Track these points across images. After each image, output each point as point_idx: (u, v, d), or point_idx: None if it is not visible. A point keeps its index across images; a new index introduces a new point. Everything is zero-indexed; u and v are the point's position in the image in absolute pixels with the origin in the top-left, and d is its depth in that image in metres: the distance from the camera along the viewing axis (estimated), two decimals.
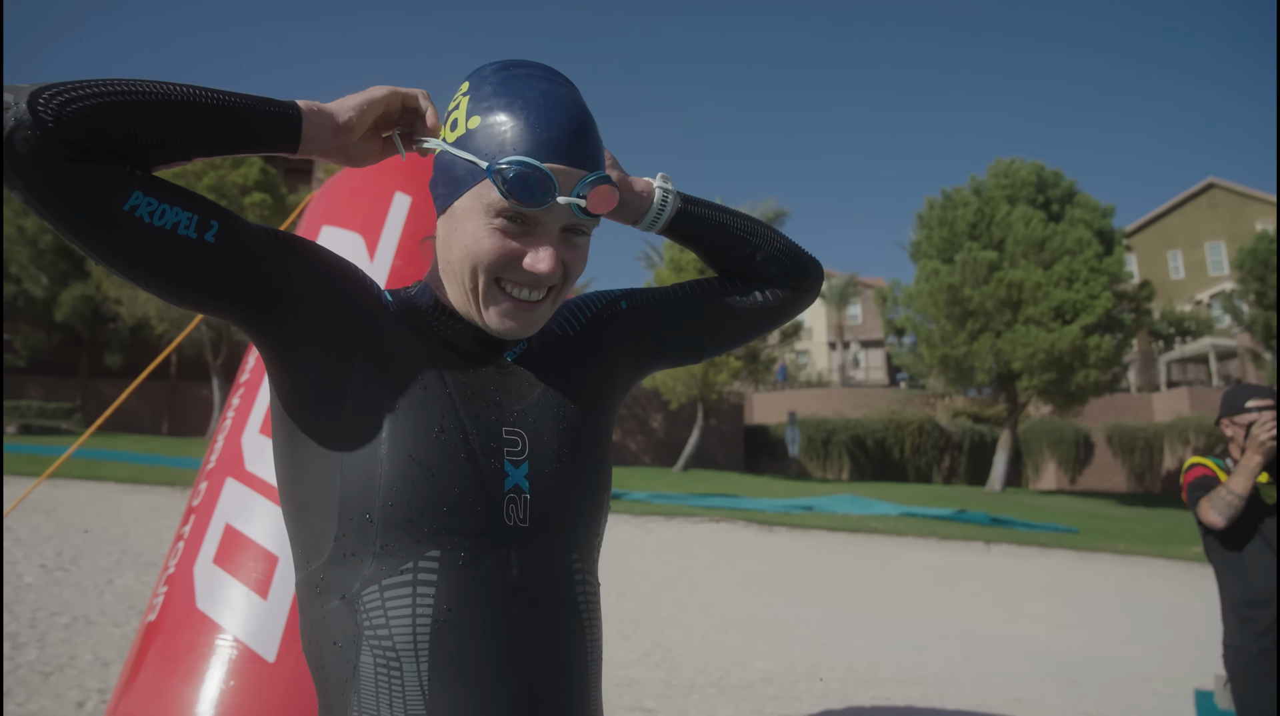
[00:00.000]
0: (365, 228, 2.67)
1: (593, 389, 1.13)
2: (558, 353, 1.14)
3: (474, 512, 0.95)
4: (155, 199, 0.89)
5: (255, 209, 26.61)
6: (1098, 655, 7.12)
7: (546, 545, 0.99)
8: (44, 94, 0.82)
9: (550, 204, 0.95)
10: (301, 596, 0.98)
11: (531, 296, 1.00)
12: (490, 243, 0.97)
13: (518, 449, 1.00)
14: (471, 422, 0.98)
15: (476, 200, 0.97)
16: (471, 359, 1.04)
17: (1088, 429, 31.39)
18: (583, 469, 1.05)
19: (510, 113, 0.96)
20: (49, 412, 27.19)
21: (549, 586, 0.98)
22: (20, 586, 6.60)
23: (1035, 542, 14.86)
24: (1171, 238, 42.85)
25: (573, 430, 1.06)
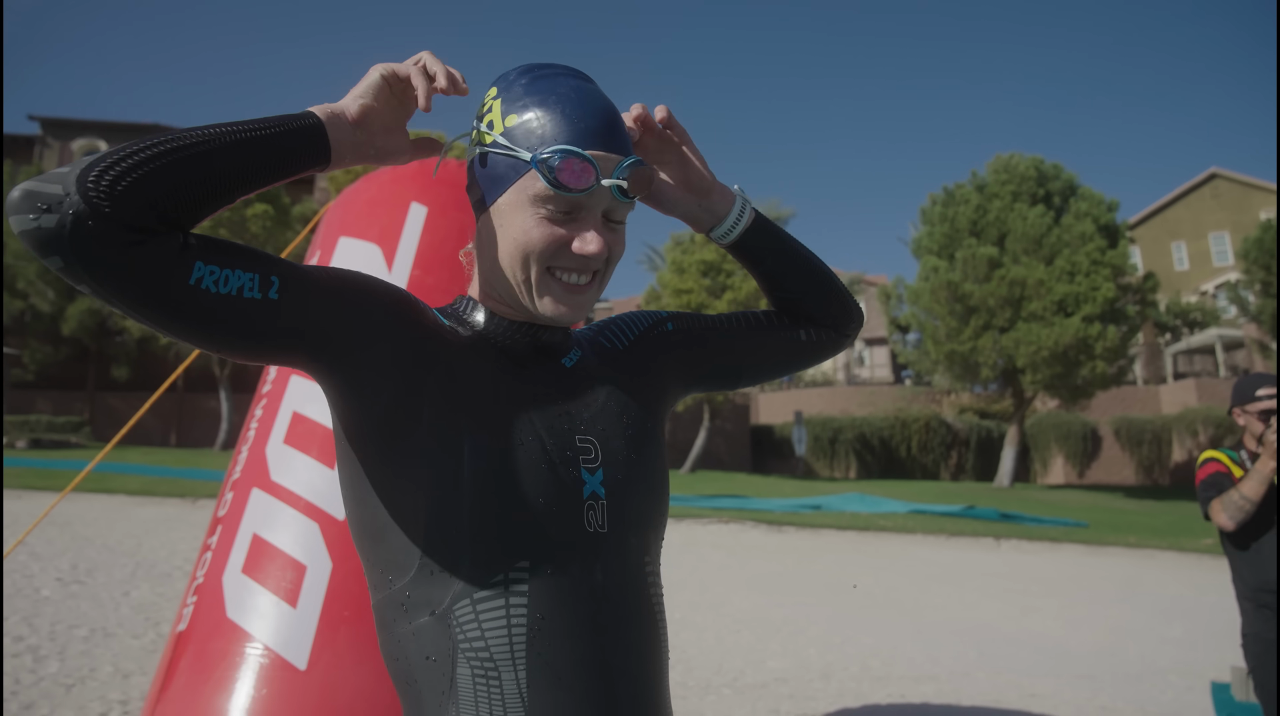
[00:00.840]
0: (382, 238, 2.70)
1: (647, 396, 1.15)
2: (610, 362, 1.16)
3: (558, 521, 0.97)
4: (217, 266, 0.88)
5: (258, 220, 26.69)
6: (1111, 649, 7.13)
7: (623, 549, 1.02)
8: (90, 176, 0.81)
9: (594, 188, 0.98)
10: (384, 614, 0.99)
11: (580, 280, 1.03)
12: (540, 231, 1.00)
13: (591, 456, 1.02)
14: (547, 433, 1.00)
15: (521, 193, 1.00)
16: (534, 369, 1.06)
17: (1095, 422, 31.33)
18: (650, 473, 1.07)
19: (545, 108, 1.01)
20: (58, 426, 27.27)
21: (628, 589, 1.01)
22: (38, 599, 6.65)
23: (1045, 537, 14.84)
24: (1175, 229, 42.76)
25: (637, 435, 1.08)
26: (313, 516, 2.24)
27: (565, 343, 1.11)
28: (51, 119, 36.32)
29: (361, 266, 2.69)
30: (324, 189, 35.17)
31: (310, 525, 2.23)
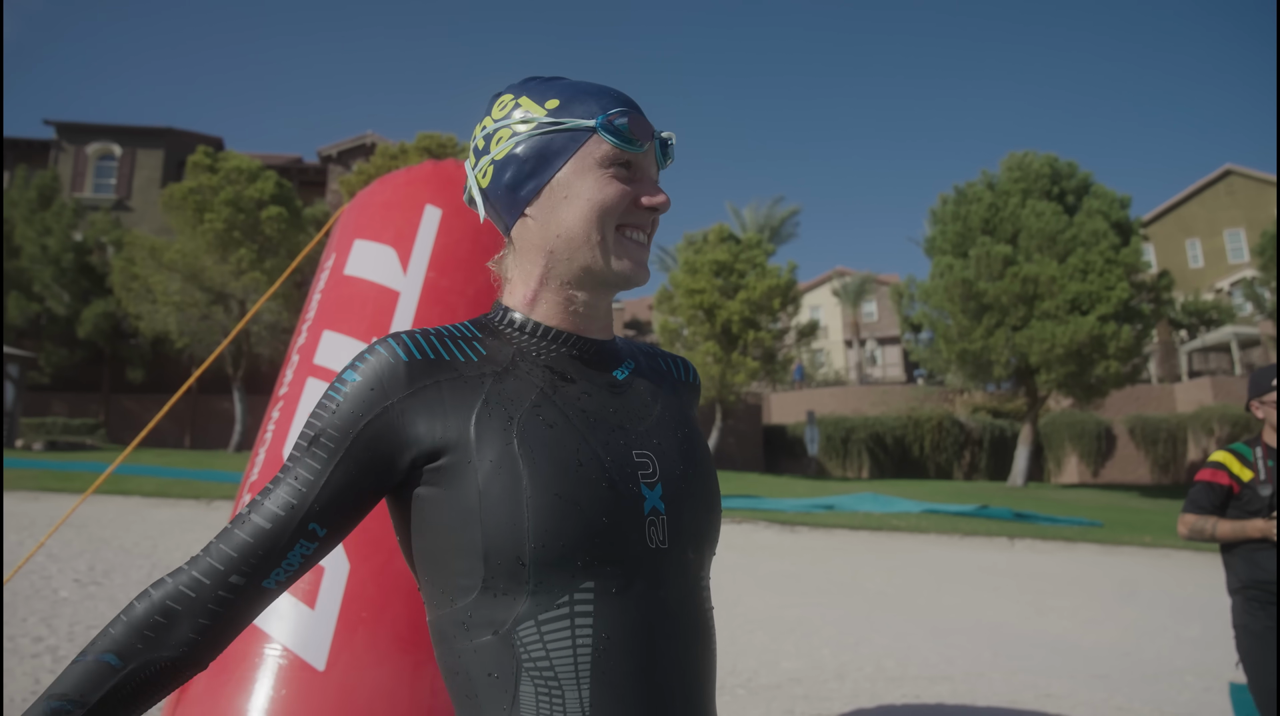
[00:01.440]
0: (397, 240, 2.71)
1: (692, 416, 1.16)
2: (661, 378, 1.15)
3: (622, 540, 0.95)
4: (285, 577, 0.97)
5: (272, 223, 26.81)
6: (1127, 649, 7.09)
7: (683, 564, 1.01)
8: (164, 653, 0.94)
9: (649, 145, 1.05)
10: (443, 630, 0.98)
11: (642, 238, 1.07)
12: (613, 188, 1.02)
13: (649, 471, 1.01)
14: (604, 450, 0.98)
15: (585, 160, 1.02)
16: (584, 384, 1.04)
17: (1109, 421, 31.17)
18: (705, 486, 1.06)
19: (582, 88, 1.06)
20: (74, 428, 27.46)
21: (687, 603, 1.01)
22: (57, 600, 6.70)
23: (1059, 537, 14.78)
24: (1190, 226, 42.50)
25: (690, 449, 1.07)
26: None
27: (614, 354, 1.10)
28: (66, 123, 36.55)
29: (377, 268, 2.70)
30: (335, 191, 35.34)
31: None
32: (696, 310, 27.63)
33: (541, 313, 1.06)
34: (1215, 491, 3.26)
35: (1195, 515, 3.26)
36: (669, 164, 1.10)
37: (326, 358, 2.59)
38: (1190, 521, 3.27)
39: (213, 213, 26.37)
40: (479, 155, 1.08)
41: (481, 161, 1.07)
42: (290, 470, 0.96)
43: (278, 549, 0.94)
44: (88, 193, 35.96)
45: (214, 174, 27.31)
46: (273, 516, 0.94)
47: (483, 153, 1.07)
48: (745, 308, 27.14)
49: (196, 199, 26.74)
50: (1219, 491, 3.25)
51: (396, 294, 2.60)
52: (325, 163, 37.83)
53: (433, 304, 2.57)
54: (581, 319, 1.06)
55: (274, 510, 0.94)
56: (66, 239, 30.03)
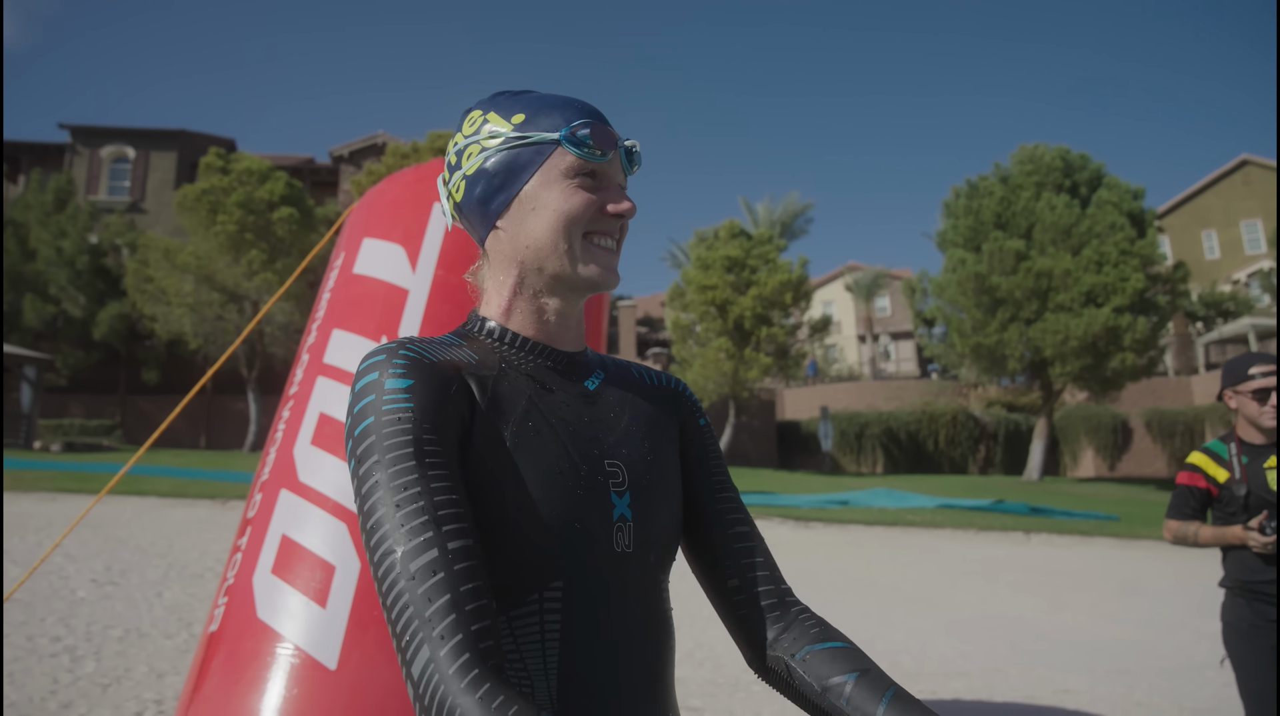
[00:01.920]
0: (406, 238, 2.70)
1: (662, 422, 1.17)
2: (634, 387, 1.18)
3: (591, 544, 1.00)
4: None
5: (283, 223, 26.92)
6: (1146, 644, 7.04)
7: (645, 566, 1.06)
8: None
9: (613, 154, 1.07)
10: None
11: (611, 244, 1.08)
12: (578, 198, 1.04)
13: (619, 480, 1.05)
14: (581, 460, 1.02)
15: (551, 172, 1.05)
16: (561, 394, 1.07)
17: (1125, 414, 30.98)
18: (669, 494, 1.11)
19: (548, 100, 1.08)
20: (91, 430, 27.66)
21: (649, 605, 1.06)
22: (74, 600, 6.75)
23: (1076, 531, 14.70)
24: (1205, 217, 42.16)
25: (657, 459, 1.11)
26: (341, 516, 2.25)
27: (585, 365, 1.13)
28: (80, 126, 36.79)
29: (386, 266, 2.70)
30: (347, 191, 35.45)
31: (339, 525, 2.24)
32: (709, 306, 27.59)
33: (517, 322, 1.09)
34: (1194, 495, 3.16)
35: (1178, 521, 3.17)
36: (635, 170, 1.12)
37: (336, 357, 2.58)
38: (1174, 528, 3.18)
39: (225, 214, 26.51)
40: (452, 171, 1.11)
41: (454, 177, 1.10)
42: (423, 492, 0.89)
43: (479, 562, 0.89)
44: (102, 195, 36.20)
45: (226, 175, 27.45)
46: (465, 531, 0.89)
47: (455, 168, 1.10)
48: (757, 303, 27.09)
49: (209, 200, 26.89)
50: (1198, 495, 3.15)
51: (406, 292, 2.60)
52: (337, 163, 37.95)
53: (442, 302, 2.56)
54: (554, 329, 1.09)
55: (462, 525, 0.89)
56: (82, 241, 30.25)
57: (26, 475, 16.00)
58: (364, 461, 0.91)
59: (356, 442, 0.93)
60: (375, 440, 0.91)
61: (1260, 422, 3.05)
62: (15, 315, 30.24)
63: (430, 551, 0.86)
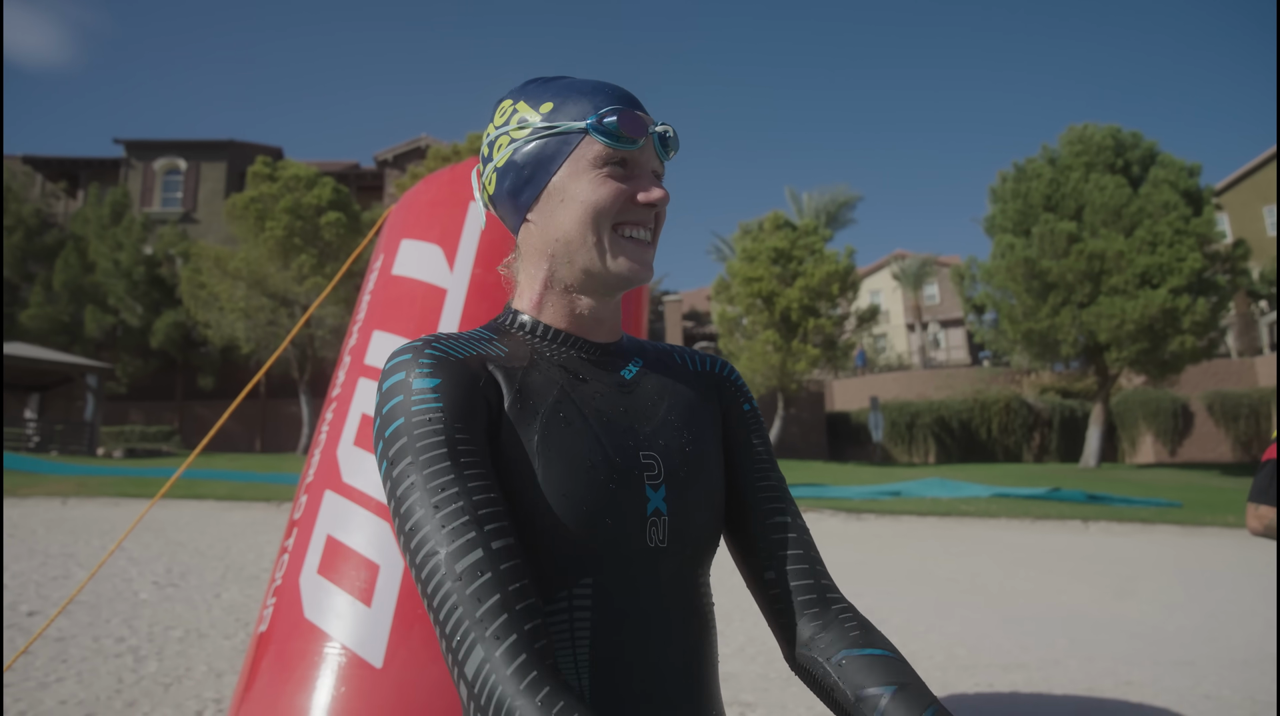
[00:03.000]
0: (443, 238, 2.71)
1: (704, 410, 1.13)
2: (674, 374, 1.14)
3: (623, 539, 0.97)
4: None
5: (331, 228, 27.33)
6: (1212, 634, 6.84)
7: (681, 563, 1.02)
8: None
9: (645, 140, 1.03)
10: None
11: (644, 236, 1.04)
12: (607, 188, 1.01)
13: (654, 472, 1.02)
14: (614, 451, 0.99)
15: (579, 162, 1.02)
16: (596, 384, 1.05)
17: (1186, 398, 30.19)
18: (707, 488, 1.07)
19: (576, 88, 1.05)
20: (150, 436, 28.41)
21: (685, 601, 1.03)
22: (137, 602, 6.92)
23: (1136, 519, 14.36)
24: (1266, 192, 40.80)
25: (696, 450, 1.08)
26: (384, 516, 2.27)
27: (621, 353, 1.11)
28: (134, 141, 37.76)
29: (423, 267, 2.71)
30: (392, 194, 35.91)
31: (382, 525, 2.25)
32: (755, 298, 27.44)
33: (549, 315, 1.07)
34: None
35: (1264, 507, 2.81)
36: (671, 156, 1.07)
37: (377, 358, 2.60)
38: (1267, 516, 2.80)
39: (273, 220, 27.00)
40: (485, 163, 1.09)
41: (487, 169, 1.08)
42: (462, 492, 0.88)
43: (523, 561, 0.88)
44: (156, 207, 37.13)
45: (273, 183, 27.96)
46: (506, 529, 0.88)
47: (487, 160, 1.08)
48: (804, 294, 26.87)
49: (257, 208, 27.41)
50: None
51: (444, 292, 2.60)
52: (382, 167, 38.47)
53: (480, 300, 2.57)
54: (587, 323, 1.07)
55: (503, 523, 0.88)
56: (137, 252, 31.07)
57: (91, 481, 16.47)
58: (397, 463, 0.90)
59: (388, 444, 0.91)
60: (407, 441, 0.90)
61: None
62: (78, 326, 31.17)
63: (475, 551, 0.85)
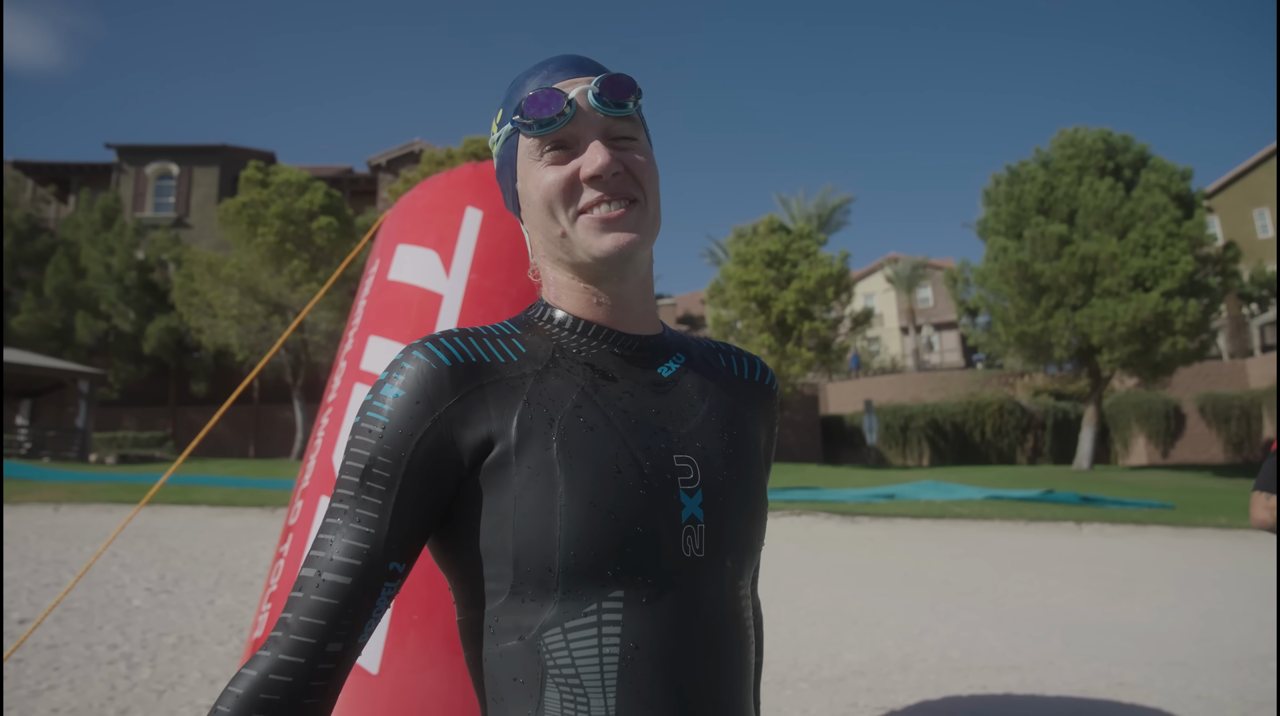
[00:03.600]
0: (439, 244, 2.72)
1: (747, 415, 1.09)
2: (714, 375, 1.09)
3: (655, 549, 0.91)
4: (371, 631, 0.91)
5: (323, 232, 27.29)
6: (1205, 635, 6.87)
7: (720, 573, 0.96)
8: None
9: (569, 112, 0.96)
10: (469, 633, 0.96)
11: (612, 208, 0.97)
12: (549, 175, 0.97)
13: (690, 477, 0.96)
14: (644, 455, 0.95)
15: (525, 160, 1.00)
16: (626, 383, 1.00)
17: (1178, 400, 30.30)
18: (749, 494, 1.01)
19: (516, 82, 1.02)
20: (143, 442, 28.32)
21: (723, 613, 0.96)
22: (130, 609, 6.90)
23: (1129, 520, 14.41)
24: (1257, 195, 41.02)
25: (737, 454, 1.02)
26: None
27: (660, 348, 1.05)
28: (126, 146, 37.67)
29: (420, 272, 2.71)
30: (385, 199, 35.86)
31: None
32: (749, 302, 27.47)
33: (574, 309, 1.02)
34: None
35: (1268, 498, 2.73)
36: (628, 109, 0.98)
37: (373, 363, 2.60)
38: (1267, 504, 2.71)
39: (265, 226, 26.95)
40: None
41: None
42: (347, 512, 0.90)
43: (366, 601, 0.88)
44: (148, 212, 37.04)
45: (265, 188, 27.90)
46: (348, 568, 0.87)
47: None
48: (799, 298, 26.92)
49: (249, 213, 27.35)
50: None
51: (440, 297, 2.61)
52: (375, 171, 38.43)
53: (476, 305, 2.57)
54: (613, 312, 1.01)
55: (346, 561, 0.88)
56: (129, 258, 30.97)
57: (83, 487, 16.42)
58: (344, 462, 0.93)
59: (350, 438, 0.94)
60: (346, 448, 0.93)
61: None
62: (69, 332, 31.05)
63: (312, 569, 0.89)
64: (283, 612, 0.88)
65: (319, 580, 0.87)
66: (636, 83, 0.99)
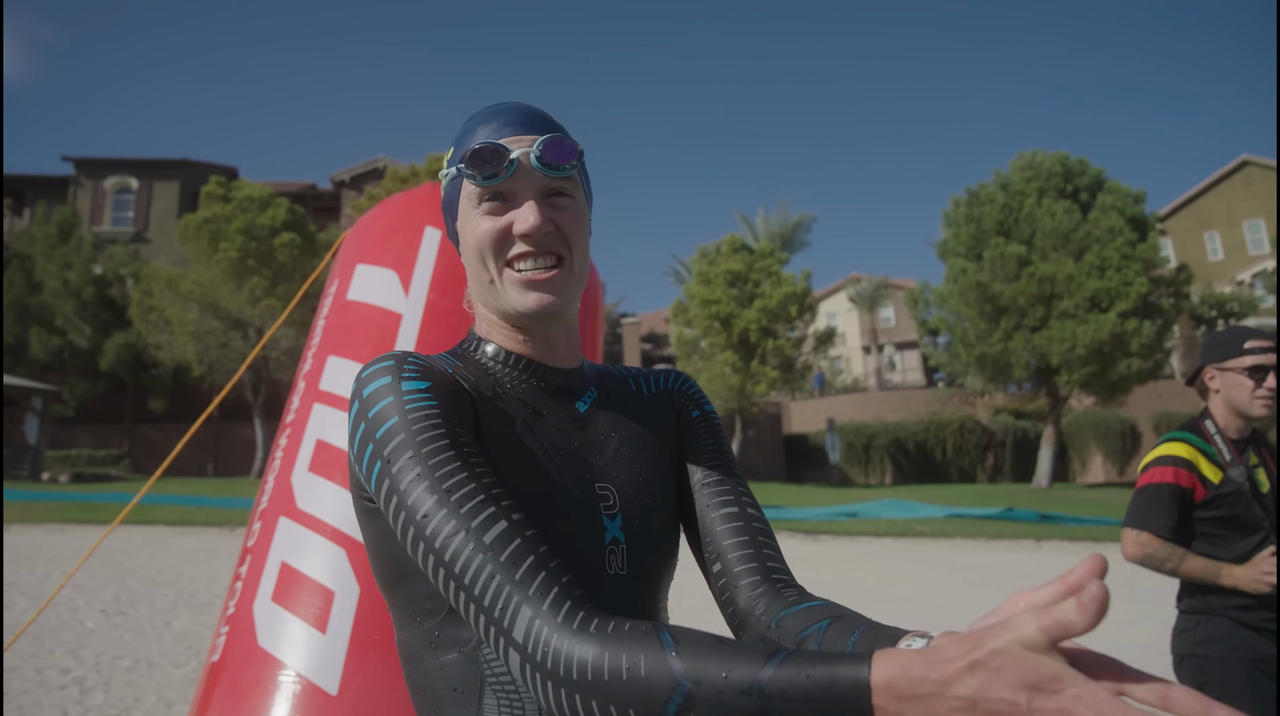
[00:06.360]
0: (398, 263, 2.73)
1: (659, 441, 1.15)
2: (628, 404, 1.16)
3: (584, 568, 0.97)
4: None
5: (285, 249, 27.03)
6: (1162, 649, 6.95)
7: (639, 590, 1.04)
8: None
9: (511, 168, 1.00)
10: (411, 650, 1.01)
11: (539, 265, 1.02)
12: (484, 225, 1.02)
13: (610, 503, 1.03)
14: (573, 483, 1.02)
15: (465, 203, 1.06)
16: (550, 416, 1.06)
17: (1133, 418, 30.85)
18: (661, 518, 1.09)
19: (468, 125, 1.07)
20: (99, 460, 27.73)
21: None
22: (83, 631, 6.74)
23: (1087, 537, 14.62)
24: (1207, 219, 42.13)
25: (649, 480, 1.09)
26: (339, 542, 2.26)
27: (579, 383, 1.12)
28: (84, 159, 37.08)
29: (379, 292, 2.72)
30: (349, 215, 35.63)
31: (337, 551, 2.25)
32: (712, 321, 27.60)
33: (503, 343, 1.09)
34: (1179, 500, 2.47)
35: (1156, 537, 2.46)
36: (565, 169, 1.02)
37: (332, 383, 2.60)
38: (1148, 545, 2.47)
39: (227, 242, 26.64)
40: None
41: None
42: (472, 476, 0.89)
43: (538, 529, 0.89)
44: (106, 226, 36.45)
45: (227, 203, 27.60)
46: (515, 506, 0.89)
47: None
48: (762, 316, 27.10)
49: (211, 229, 27.04)
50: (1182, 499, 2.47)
51: (399, 316, 2.62)
52: (339, 188, 38.17)
53: (435, 325, 2.58)
54: (539, 348, 1.09)
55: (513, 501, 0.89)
56: (86, 272, 30.41)
57: (35, 507, 16.03)
58: (394, 460, 0.90)
59: (381, 444, 0.91)
60: (405, 437, 0.90)
61: (1249, 409, 2.46)
62: (22, 347, 30.37)
63: (499, 523, 0.86)
64: (501, 594, 0.83)
65: (512, 523, 0.86)
66: (578, 146, 1.04)
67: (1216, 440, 2.52)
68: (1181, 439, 2.55)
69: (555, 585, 0.82)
